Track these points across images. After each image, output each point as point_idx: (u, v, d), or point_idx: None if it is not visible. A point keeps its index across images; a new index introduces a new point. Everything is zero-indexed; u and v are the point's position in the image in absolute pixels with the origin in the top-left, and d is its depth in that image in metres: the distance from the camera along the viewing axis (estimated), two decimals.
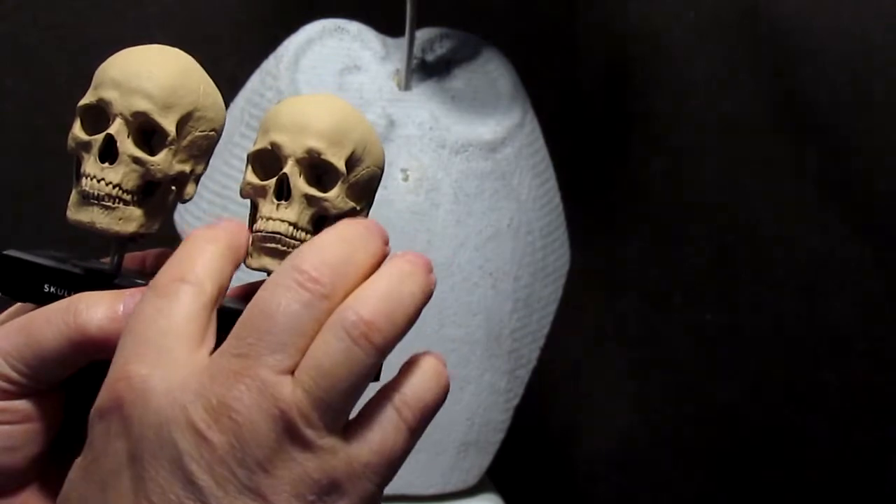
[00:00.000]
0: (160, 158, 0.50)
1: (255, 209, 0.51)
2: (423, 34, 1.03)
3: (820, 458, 1.30)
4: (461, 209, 0.99)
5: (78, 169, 0.51)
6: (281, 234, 0.50)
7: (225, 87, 0.55)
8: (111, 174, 0.50)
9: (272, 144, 0.51)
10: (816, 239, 1.24)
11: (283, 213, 0.50)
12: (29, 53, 1.14)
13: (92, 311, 0.48)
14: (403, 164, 0.98)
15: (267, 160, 0.51)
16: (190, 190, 0.52)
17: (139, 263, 0.55)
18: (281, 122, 0.51)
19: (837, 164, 1.21)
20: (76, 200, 0.50)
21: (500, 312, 1.02)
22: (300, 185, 0.50)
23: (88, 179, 0.50)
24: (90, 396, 0.52)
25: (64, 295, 0.50)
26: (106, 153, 0.50)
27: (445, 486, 1.04)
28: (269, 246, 0.50)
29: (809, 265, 1.25)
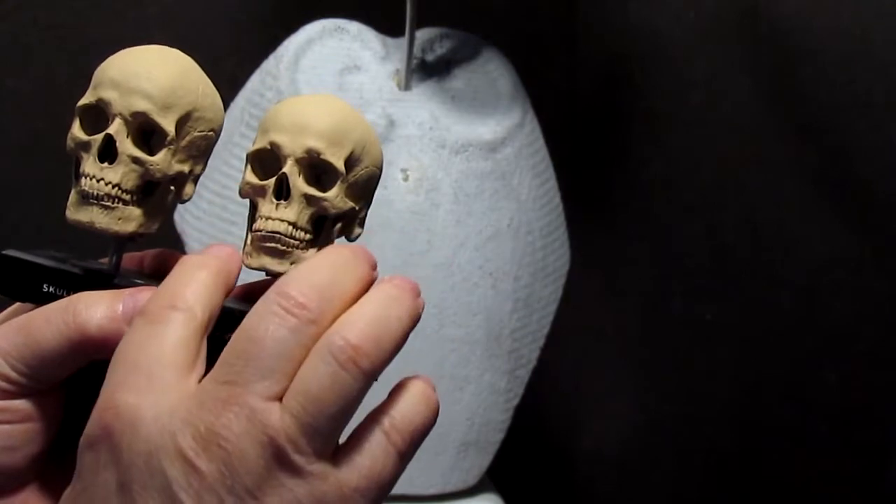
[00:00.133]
0: (159, 158, 0.50)
1: (254, 209, 0.52)
2: (423, 34, 1.03)
3: (820, 458, 1.30)
4: (461, 209, 0.99)
5: (77, 169, 0.51)
6: (280, 233, 0.50)
7: (225, 87, 0.56)
8: (110, 174, 0.50)
9: (271, 144, 0.51)
10: (816, 239, 1.23)
11: (282, 212, 0.50)
12: (29, 53, 1.14)
13: (91, 310, 0.48)
14: (403, 164, 0.98)
15: (266, 160, 0.51)
16: (189, 190, 0.52)
17: (138, 263, 0.55)
18: (280, 121, 0.51)
19: (837, 164, 1.20)
20: (75, 200, 0.50)
21: (500, 312, 1.02)
22: (299, 184, 0.50)
23: (88, 179, 0.50)
24: (90, 396, 0.52)
25: (63, 295, 0.50)
26: (105, 153, 0.50)
27: (445, 486, 1.04)
28: (268, 245, 0.50)
29: (809, 265, 1.24)
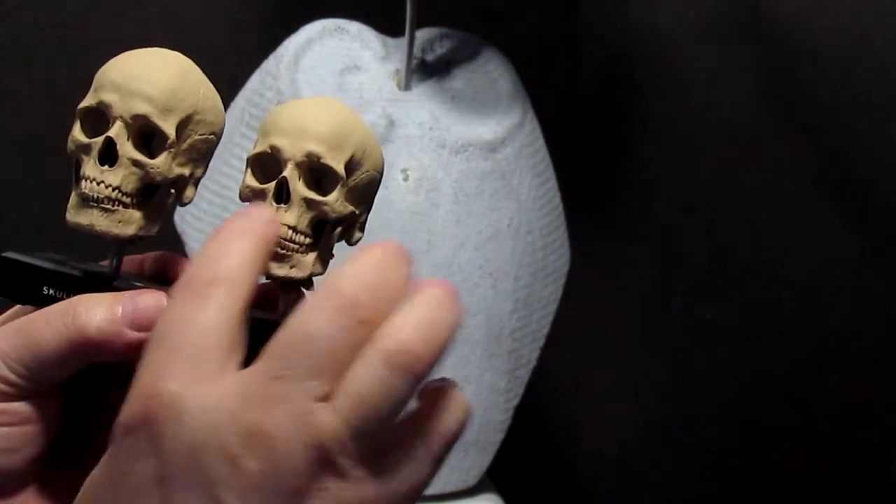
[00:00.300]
0: (160, 161, 0.50)
1: None
2: (423, 34, 1.03)
3: (820, 457, 1.30)
4: (461, 209, 0.99)
5: (77, 171, 0.51)
6: (280, 237, 0.50)
7: (225, 87, 0.55)
8: (111, 177, 0.50)
9: (272, 148, 0.51)
10: (816, 239, 1.23)
11: (282, 216, 0.50)
12: (29, 53, 1.14)
13: (91, 313, 0.48)
14: (403, 164, 0.98)
15: (266, 163, 0.51)
16: (189, 193, 0.52)
17: (138, 266, 0.55)
18: (281, 125, 0.51)
19: (837, 164, 1.20)
20: (76, 203, 0.50)
21: (500, 312, 1.02)
22: (299, 188, 0.50)
23: (88, 182, 0.50)
24: (89, 398, 0.52)
25: (63, 297, 0.50)
26: (106, 156, 0.50)
27: (445, 486, 1.04)
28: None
29: (809, 265, 1.24)
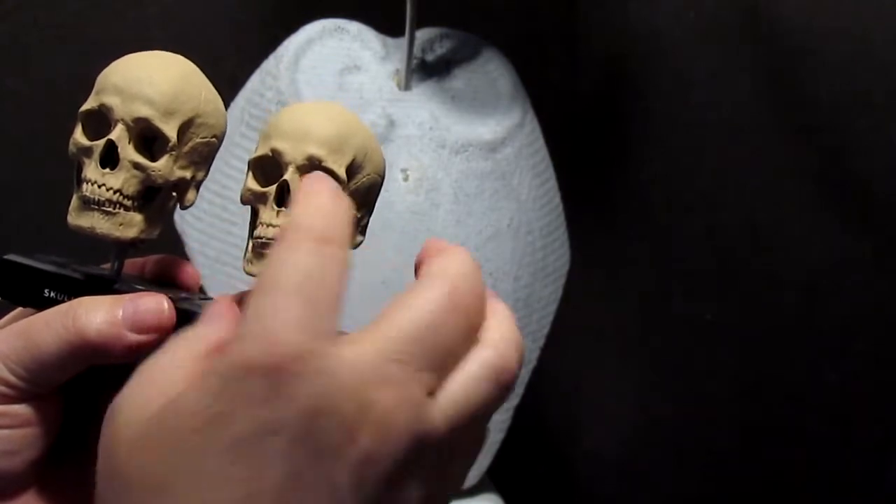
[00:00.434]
0: (161, 164, 0.50)
1: (255, 215, 0.51)
2: (423, 34, 1.03)
3: (820, 458, 1.30)
4: (461, 209, 0.99)
5: (79, 174, 0.51)
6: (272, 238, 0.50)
7: (225, 87, 0.55)
8: (112, 180, 0.50)
9: (273, 151, 0.50)
10: (816, 239, 1.24)
11: (283, 219, 0.50)
12: (29, 53, 1.14)
13: (91, 315, 0.48)
14: (403, 164, 0.98)
15: (268, 167, 0.51)
16: (191, 196, 0.52)
17: (139, 269, 0.55)
18: (282, 128, 0.51)
19: (837, 164, 1.21)
20: (77, 205, 0.50)
21: None
22: None
23: (89, 185, 0.50)
24: (89, 401, 0.52)
25: (64, 300, 0.50)
26: (107, 159, 0.50)
27: None
28: (268, 252, 0.49)
29: (809, 265, 1.25)
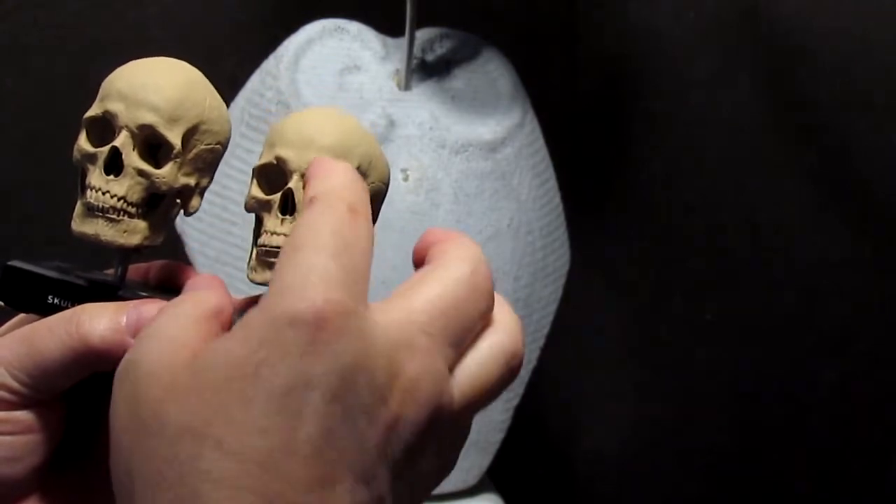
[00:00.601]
0: (165, 171, 0.50)
1: (259, 223, 0.51)
2: (423, 34, 1.03)
3: (820, 458, 1.30)
4: (461, 209, 0.99)
5: (83, 181, 0.50)
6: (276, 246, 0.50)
7: (225, 87, 0.55)
8: (116, 186, 0.49)
9: (277, 159, 0.50)
10: (816, 239, 1.24)
11: (287, 227, 0.50)
12: (29, 53, 1.14)
13: (95, 322, 0.48)
14: (403, 164, 0.98)
15: (272, 174, 0.51)
16: (195, 203, 0.52)
17: (143, 275, 0.55)
18: (287, 136, 0.50)
19: (837, 164, 1.21)
20: (81, 212, 0.50)
21: None
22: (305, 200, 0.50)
23: (93, 191, 0.49)
24: (92, 407, 0.52)
25: (67, 306, 0.50)
26: (111, 165, 0.50)
27: (445, 486, 1.04)
28: (273, 260, 0.49)
29: (809, 265, 1.25)
